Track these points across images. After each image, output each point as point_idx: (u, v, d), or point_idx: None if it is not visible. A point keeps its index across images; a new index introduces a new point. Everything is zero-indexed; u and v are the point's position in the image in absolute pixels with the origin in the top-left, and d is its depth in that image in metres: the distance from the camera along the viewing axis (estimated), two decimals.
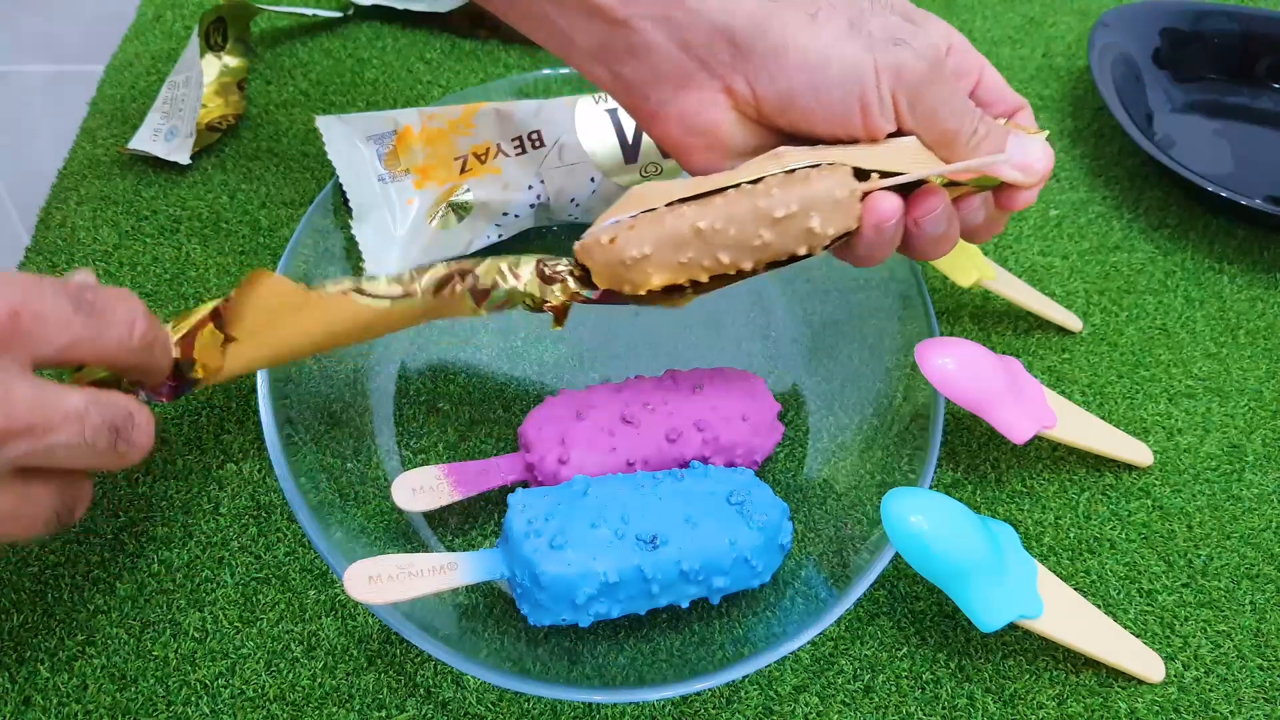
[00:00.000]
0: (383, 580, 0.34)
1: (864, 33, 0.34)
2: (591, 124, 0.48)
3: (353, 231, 0.46)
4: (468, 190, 0.46)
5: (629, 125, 0.48)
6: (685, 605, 0.37)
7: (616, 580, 0.34)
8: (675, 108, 0.36)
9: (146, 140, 0.53)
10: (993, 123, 0.36)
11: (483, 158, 0.47)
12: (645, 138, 0.48)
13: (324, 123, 0.47)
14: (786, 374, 0.47)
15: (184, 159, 0.52)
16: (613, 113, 0.48)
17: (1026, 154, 0.35)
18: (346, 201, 0.46)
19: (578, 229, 0.51)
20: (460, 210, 0.46)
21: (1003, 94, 0.38)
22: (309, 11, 0.61)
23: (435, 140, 0.47)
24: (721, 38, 0.34)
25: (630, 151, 0.48)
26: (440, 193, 0.47)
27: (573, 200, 0.48)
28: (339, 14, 0.62)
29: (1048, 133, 0.37)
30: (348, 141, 0.47)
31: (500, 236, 0.48)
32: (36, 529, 0.30)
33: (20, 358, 0.28)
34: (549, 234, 0.51)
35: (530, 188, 0.47)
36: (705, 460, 0.40)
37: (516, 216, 0.47)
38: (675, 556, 0.35)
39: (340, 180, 0.46)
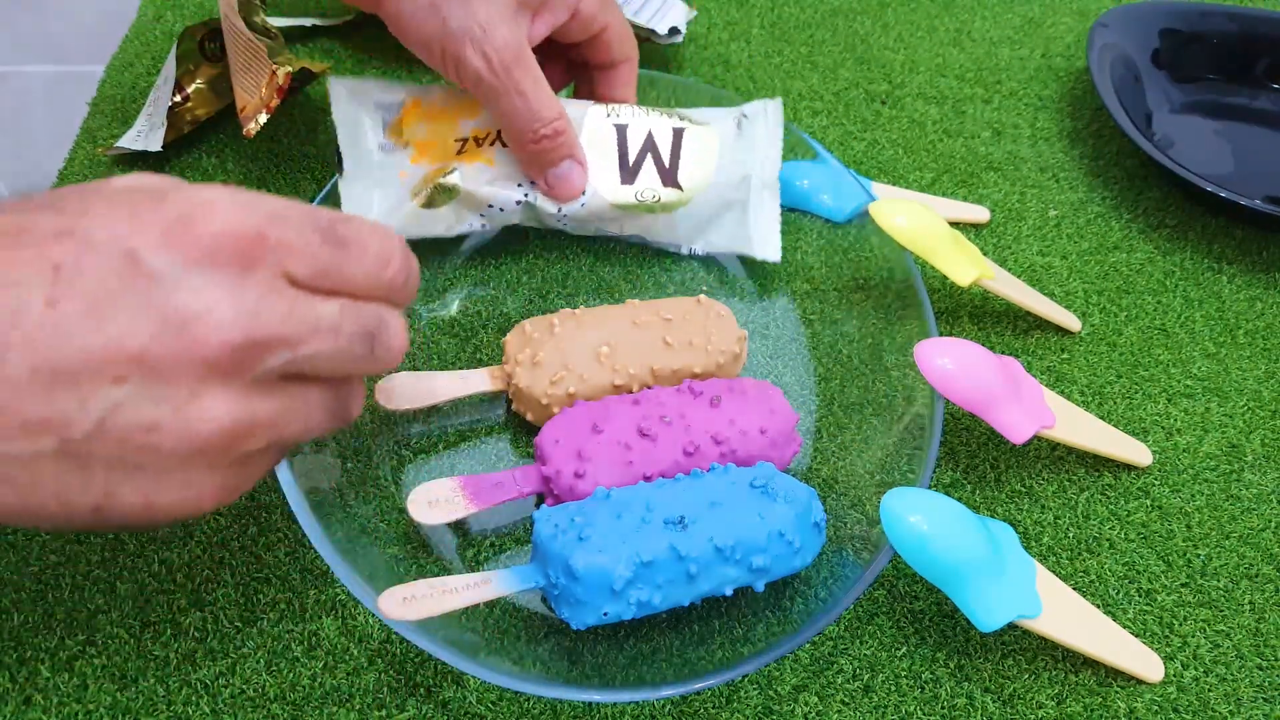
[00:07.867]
0: (417, 599, 0.34)
1: None
2: (596, 136, 0.47)
3: (340, 192, 0.45)
4: (454, 172, 0.45)
5: (634, 146, 0.47)
6: (729, 593, 0.36)
7: (650, 559, 0.34)
8: None
9: (129, 139, 0.53)
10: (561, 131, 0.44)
11: (481, 141, 0.46)
12: (645, 163, 0.47)
13: (335, 84, 0.46)
14: (786, 374, 0.47)
15: (156, 146, 0.52)
16: (621, 129, 0.47)
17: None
18: (340, 161, 0.45)
19: (563, 238, 0.50)
20: (445, 193, 0.45)
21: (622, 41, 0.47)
22: (308, 22, 0.61)
23: (439, 118, 0.47)
24: None
25: (628, 173, 0.47)
26: (430, 170, 0.46)
27: (560, 210, 0.46)
28: (337, 22, 0.62)
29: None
30: (355, 104, 0.46)
31: (484, 227, 0.48)
32: (316, 428, 0.31)
33: (269, 275, 0.28)
34: (534, 236, 0.51)
35: (519, 185, 0.46)
36: None
37: (502, 210, 0.47)
38: (707, 533, 0.35)
39: (338, 141, 0.45)
